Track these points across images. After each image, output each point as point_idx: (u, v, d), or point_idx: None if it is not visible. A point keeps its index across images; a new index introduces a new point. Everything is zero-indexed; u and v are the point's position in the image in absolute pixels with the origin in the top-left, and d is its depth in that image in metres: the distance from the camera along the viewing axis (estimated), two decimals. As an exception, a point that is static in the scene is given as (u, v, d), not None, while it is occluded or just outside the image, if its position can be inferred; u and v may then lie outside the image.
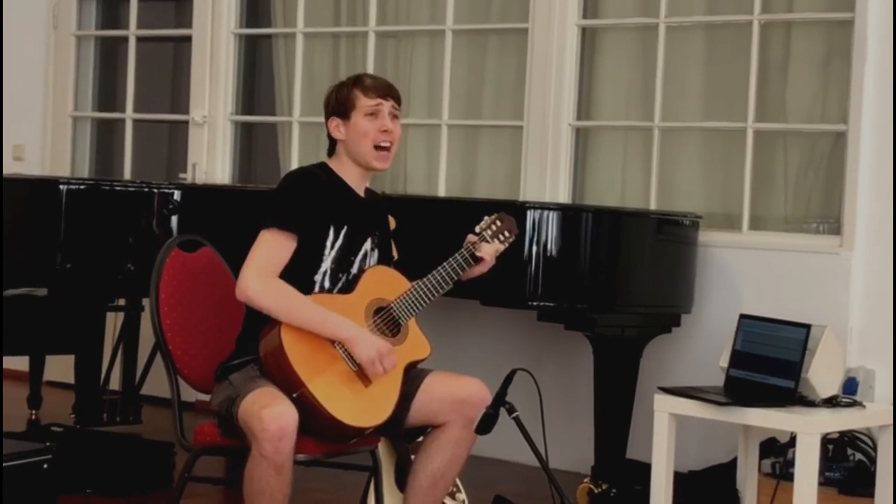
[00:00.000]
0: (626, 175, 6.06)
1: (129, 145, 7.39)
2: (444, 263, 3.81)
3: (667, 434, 4.61)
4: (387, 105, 3.86)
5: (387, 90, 3.89)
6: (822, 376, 4.60)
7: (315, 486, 5.02)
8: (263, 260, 3.69)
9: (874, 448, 4.85)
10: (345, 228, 3.80)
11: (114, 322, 5.95)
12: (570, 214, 5.01)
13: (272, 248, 3.71)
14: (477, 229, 3.87)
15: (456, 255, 3.83)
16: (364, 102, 3.84)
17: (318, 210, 3.76)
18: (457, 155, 6.46)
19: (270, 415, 3.47)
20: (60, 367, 6.24)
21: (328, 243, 3.77)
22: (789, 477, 4.56)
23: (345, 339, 3.67)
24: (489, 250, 3.85)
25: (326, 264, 3.77)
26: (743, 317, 4.75)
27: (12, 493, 3.66)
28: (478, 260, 3.84)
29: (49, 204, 5.34)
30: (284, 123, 6.96)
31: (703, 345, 5.39)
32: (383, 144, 3.84)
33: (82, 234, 5.36)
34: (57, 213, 5.32)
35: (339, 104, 3.86)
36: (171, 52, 7.80)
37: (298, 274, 3.72)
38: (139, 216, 5.52)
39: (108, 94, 7.71)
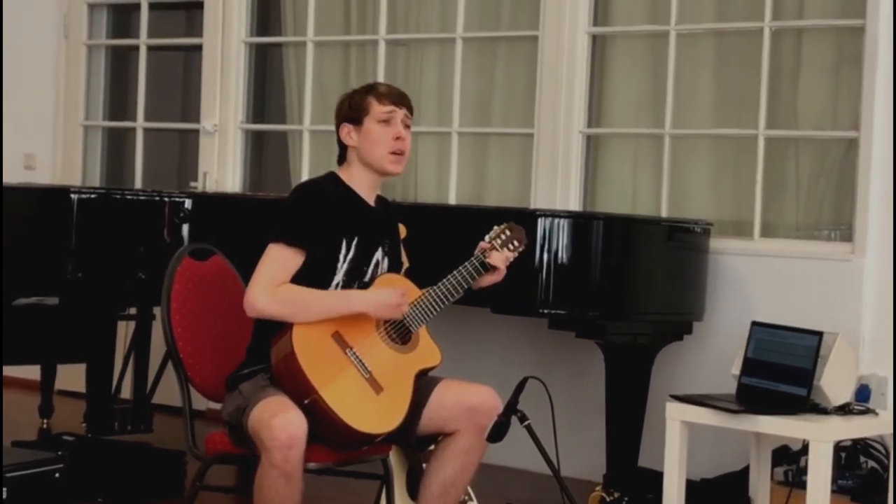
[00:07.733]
0: (637, 182, 6.05)
1: (139, 154, 7.40)
2: (455, 272, 3.81)
3: (679, 442, 4.61)
4: (400, 113, 3.87)
5: (400, 98, 3.90)
6: (834, 384, 4.59)
7: (326, 495, 5.01)
8: (270, 275, 3.70)
9: (887, 456, 4.84)
10: (356, 239, 3.80)
11: (125, 331, 5.96)
12: (580, 222, 5.00)
13: (279, 263, 3.71)
14: (487, 238, 3.86)
15: (466, 263, 3.82)
16: (378, 109, 3.84)
17: (329, 225, 3.76)
18: (467, 163, 6.45)
19: (280, 423, 3.47)
20: (71, 376, 6.24)
21: (341, 256, 3.77)
22: (802, 485, 4.55)
23: (367, 313, 3.69)
24: (500, 259, 3.84)
25: (339, 276, 3.77)
26: (755, 324, 4.74)
27: (24, 502, 3.66)
28: (488, 268, 3.84)
29: (60, 213, 5.35)
30: (295, 132, 6.96)
31: (715, 352, 5.38)
32: (396, 151, 3.84)
33: (93, 242, 5.37)
34: (68, 222, 5.33)
35: (351, 110, 3.86)
36: (181, 60, 7.81)
37: (312, 287, 3.71)
38: (150, 225, 5.52)
39: (119, 103, 7.72)
